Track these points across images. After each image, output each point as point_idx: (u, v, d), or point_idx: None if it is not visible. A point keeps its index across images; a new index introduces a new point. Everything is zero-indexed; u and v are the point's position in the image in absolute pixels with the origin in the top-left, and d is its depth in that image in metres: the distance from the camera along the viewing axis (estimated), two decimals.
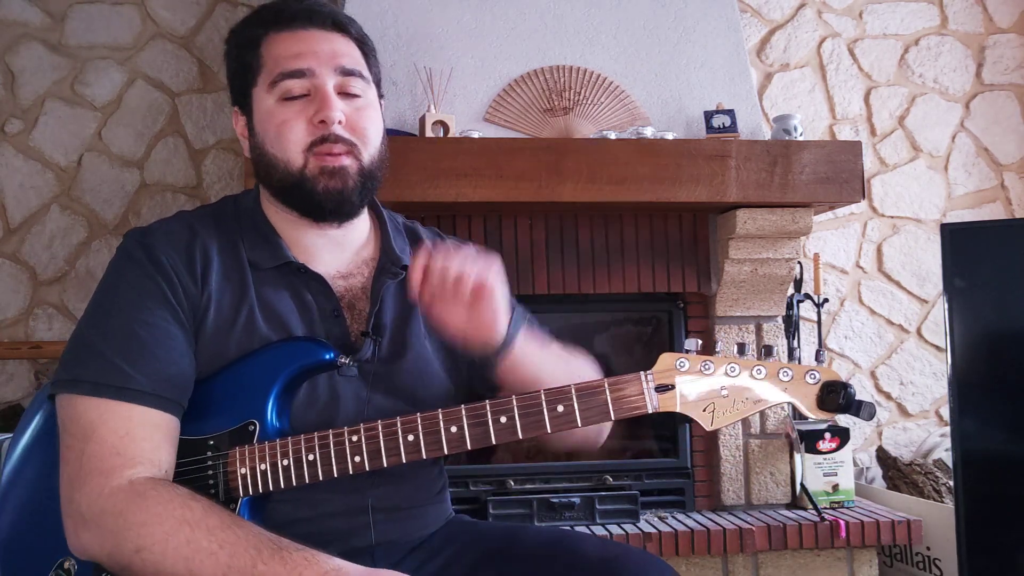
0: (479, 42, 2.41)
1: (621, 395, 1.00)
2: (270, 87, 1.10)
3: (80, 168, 2.72)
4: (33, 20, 2.73)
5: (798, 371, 1.00)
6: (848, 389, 0.97)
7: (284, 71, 1.09)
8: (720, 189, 2.21)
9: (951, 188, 3.04)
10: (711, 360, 1.01)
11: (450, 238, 1.33)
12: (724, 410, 1.00)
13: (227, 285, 1.10)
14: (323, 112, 1.08)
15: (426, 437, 1.00)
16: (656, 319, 2.49)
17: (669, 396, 1.00)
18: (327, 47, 1.11)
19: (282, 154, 1.10)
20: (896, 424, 2.94)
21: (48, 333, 2.67)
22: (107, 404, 0.99)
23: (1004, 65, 3.09)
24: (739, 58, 2.50)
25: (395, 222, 1.27)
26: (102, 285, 1.09)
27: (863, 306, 2.96)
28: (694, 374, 1.01)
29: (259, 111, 1.13)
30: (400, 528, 1.16)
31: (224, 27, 2.81)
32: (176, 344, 1.04)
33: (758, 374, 1.00)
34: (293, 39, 1.11)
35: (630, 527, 2.20)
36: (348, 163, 1.10)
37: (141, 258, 1.07)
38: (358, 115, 1.12)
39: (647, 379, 1.00)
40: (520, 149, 2.17)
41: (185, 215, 1.16)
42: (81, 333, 1.06)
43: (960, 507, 1.96)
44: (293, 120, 1.09)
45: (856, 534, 2.17)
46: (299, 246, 1.15)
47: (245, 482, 1.03)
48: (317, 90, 1.10)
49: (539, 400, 1.00)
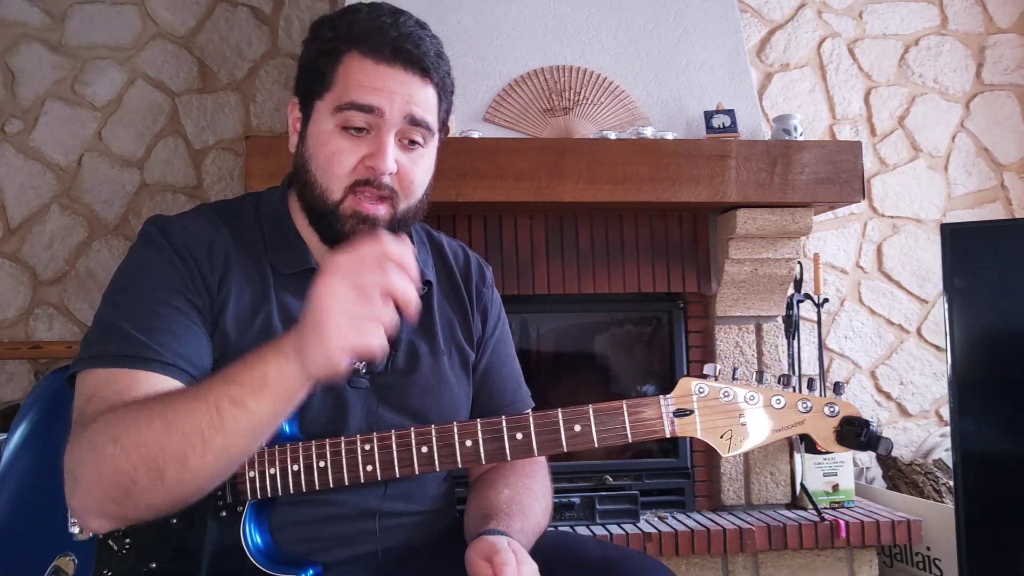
0: (479, 42, 2.41)
1: (639, 418, 1.01)
2: (335, 111, 1.07)
3: (80, 168, 2.72)
4: (33, 20, 2.73)
5: (817, 403, 1.02)
6: (869, 427, 0.99)
7: (354, 102, 1.06)
8: (720, 189, 2.21)
9: (951, 188, 3.04)
10: (730, 388, 1.02)
11: (472, 252, 1.33)
12: (742, 438, 1.01)
13: (247, 285, 1.10)
14: (376, 160, 1.07)
15: (440, 450, 1.00)
16: (656, 319, 2.49)
17: (688, 421, 1.01)
18: (404, 91, 1.08)
19: (324, 181, 1.09)
20: (896, 424, 2.94)
21: (48, 333, 2.67)
22: (120, 372, 0.98)
23: (1004, 65, 3.09)
24: (739, 58, 2.50)
25: (419, 235, 1.26)
26: (122, 269, 1.08)
27: (863, 306, 2.96)
28: (713, 400, 1.02)
29: (316, 127, 1.10)
30: (406, 534, 1.16)
31: (224, 27, 2.81)
32: (194, 327, 1.04)
33: (777, 404, 1.02)
34: (374, 71, 1.07)
35: (630, 527, 2.20)
36: (382, 212, 1.09)
37: (162, 244, 1.07)
38: (411, 166, 1.11)
39: (666, 403, 1.01)
40: (520, 149, 2.17)
41: (206, 210, 1.15)
42: (102, 314, 1.05)
43: (960, 507, 1.96)
44: (346, 153, 1.07)
45: (856, 534, 2.17)
46: (323, 253, 1.14)
47: (253, 485, 1.02)
48: (379, 133, 1.07)
49: (556, 419, 1.00)
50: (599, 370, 2.53)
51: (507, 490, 1.15)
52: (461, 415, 1.22)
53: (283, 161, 2.06)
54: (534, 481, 1.19)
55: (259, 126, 2.81)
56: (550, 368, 2.49)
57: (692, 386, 1.02)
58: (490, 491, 1.15)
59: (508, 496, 1.13)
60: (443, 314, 1.23)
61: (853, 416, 1.01)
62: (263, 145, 2.09)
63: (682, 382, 1.03)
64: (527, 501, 1.14)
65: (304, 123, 1.13)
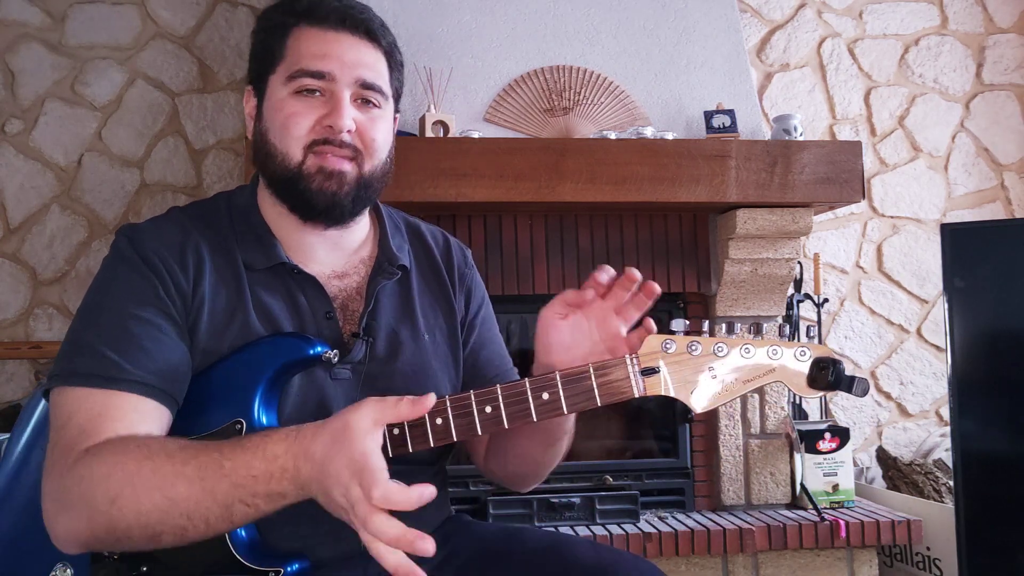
0: (479, 42, 2.41)
1: (607, 379, 0.97)
2: (287, 80, 1.09)
3: (80, 168, 2.72)
4: (33, 20, 2.73)
5: (787, 348, 0.97)
6: (838, 365, 0.94)
7: (305, 69, 1.08)
8: (720, 189, 2.21)
9: (951, 188, 3.04)
10: (698, 340, 0.98)
11: (452, 236, 1.32)
12: (713, 391, 0.97)
13: (221, 286, 1.09)
14: (333, 118, 1.08)
15: (411, 431, 0.97)
16: (656, 319, 2.49)
17: (655, 379, 0.97)
18: (353, 55, 1.10)
19: (283, 146, 1.09)
20: (896, 424, 2.94)
21: (48, 333, 2.67)
22: (90, 392, 0.98)
23: (1004, 65, 3.09)
24: (739, 58, 2.50)
25: (395, 220, 1.26)
26: (94, 284, 1.08)
27: (863, 306, 2.96)
28: (681, 355, 0.98)
29: (270, 98, 1.11)
30: None
31: (224, 27, 2.81)
32: (167, 338, 1.03)
33: (746, 353, 0.97)
34: (322, 38, 1.10)
35: (630, 527, 2.20)
36: (348, 168, 1.10)
37: (132, 256, 1.06)
38: (369, 124, 1.11)
39: (632, 362, 0.98)
40: (520, 149, 2.17)
41: (177, 213, 1.15)
42: (74, 330, 1.05)
43: (960, 507, 1.96)
44: (302, 115, 1.08)
45: (856, 534, 2.17)
46: (294, 246, 1.14)
47: None
48: (332, 95, 1.09)
49: (524, 388, 0.97)
50: None
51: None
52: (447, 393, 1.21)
53: None
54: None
55: None
56: None
57: (658, 343, 0.98)
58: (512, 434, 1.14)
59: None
60: (424, 298, 1.22)
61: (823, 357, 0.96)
62: None
63: (649, 339, 0.99)
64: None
65: (260, 105, 1.14)
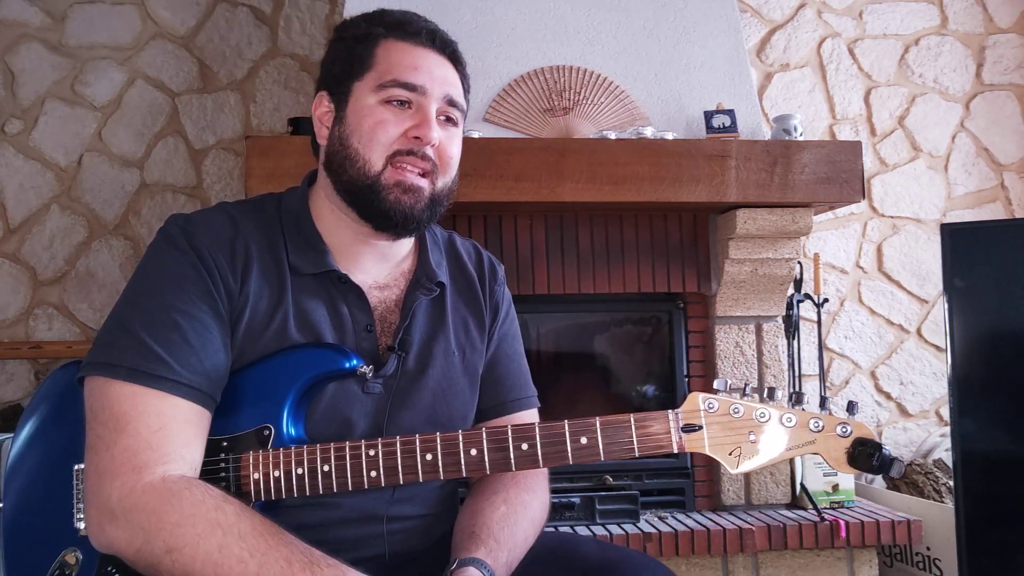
0: (479, 42, 2.41)
1: (646, 433, 0.99)
2: (378, 88, 1.10)
3: (80, 168, 2.72)
4: (33, 20, 2.73)
5: (829, 423, 0.99)
6: (882, 450, 0.96)
7: (398, 79, 1.10)
8: (720, 189, 2.21)
9: (951, 188, 3.04)
10: (741, 404, 1.00)
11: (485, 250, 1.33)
12: (751, 455, 1.00)
13: (265, 286, 1.09)
14: (423, 130, 1.09)
15: (444, 458, 0.99)
16: (656, 319, 2.49)
17: (696, 437, 1.00)
18: (441, 72, 1.13)
19: (366, 152, 1.09)
20: (896, 424, 2.94)
21: (48, 333, 2.67)
22: (143, 393, 0.97)
23: (1004, 65, 3.09)
24: (739, 58, 2.50)
25: (433, 234, 1.27)
26: (142, 269, 1.07)
27: (863, 306, 2.96)
28: (723, 416, 1.00)
29: (356, 103, 1.12)
30: (411, 538, 1.15)
31: (224, 27, 2.81)
32: (214, 338, 1.03)
33: (787, 422, 0.99)
34: (413, 52, 1.12)
35: (630, 527, 2.20)
36: (424, 184, 1.11)
37: (184, 246, 1.06)
38: (449, 141, 1.14)
39: (675, 418, 0.99)
40: (520, 149, 2.17)
41: (227, 208, 1.14)
42: (119, 316, 1.03)
43: (960, 507, 1.96)
44: (391, 123, 1.10)
45: (856, 534, 2.17)
46: (343, 253, 1.14)
47: (257, 487, 1.01)
48: (421, 108, 1.11)
49: (563, 430, 0.98)
50: (599, 370, 2.53)
51: (504, 506, 1.13)
52: (470, 416, 1.21)
53: (283, 161, 2.08)
54: (533, 497, 1.17)
55: (259, 126, 2.81)
56: (550, 368, 2.49)
57: (701, 401, 1.00)
58: (486, 504, 1.13)
59: (503, 514, 1.11)
60: (457, 315, 1.22)
61: (866, 438, 0.98)
62: (263, 145, 2.09)
63: (691, 397, 1.00)
64: (522, 522, 1.13)
65: (339, 110, 1.14)
